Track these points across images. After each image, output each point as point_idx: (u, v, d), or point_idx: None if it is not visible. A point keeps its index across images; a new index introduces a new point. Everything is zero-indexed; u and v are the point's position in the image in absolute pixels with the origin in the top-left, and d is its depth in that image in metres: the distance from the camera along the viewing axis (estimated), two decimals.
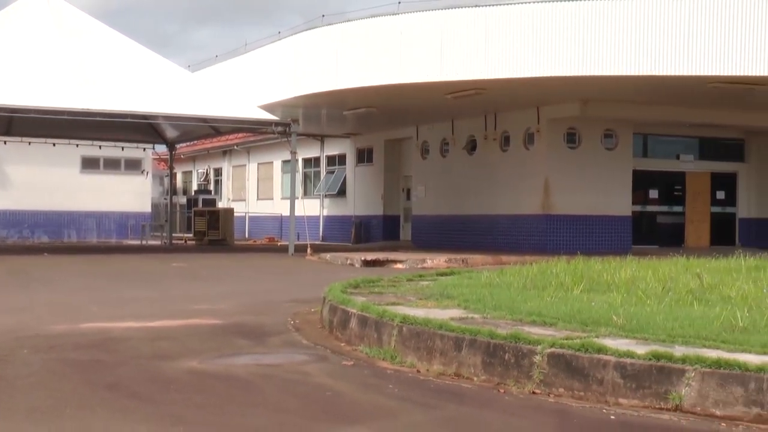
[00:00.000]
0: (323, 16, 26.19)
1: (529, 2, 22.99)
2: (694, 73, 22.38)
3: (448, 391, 7.13)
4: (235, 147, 46.66)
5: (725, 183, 31.88)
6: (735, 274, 11.77)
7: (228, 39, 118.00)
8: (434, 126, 32.73)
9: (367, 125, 34.81)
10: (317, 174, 41.36)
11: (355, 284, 12.23)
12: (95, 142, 37.55)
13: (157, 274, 19.66)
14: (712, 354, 6.61)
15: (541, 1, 22.93)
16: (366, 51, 25.16)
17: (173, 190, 40.35)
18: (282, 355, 8.79)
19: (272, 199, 43.93)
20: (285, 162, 40.40)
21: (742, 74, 22.41)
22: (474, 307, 9.54)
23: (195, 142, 45.36)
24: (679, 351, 6.74)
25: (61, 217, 41.77)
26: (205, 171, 51.68)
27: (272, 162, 44.23)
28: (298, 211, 28.71)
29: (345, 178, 38.98)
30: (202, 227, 35.89)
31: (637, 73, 22.53)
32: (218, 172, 50.66)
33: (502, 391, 7.08)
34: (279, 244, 36.09)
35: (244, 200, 46.56)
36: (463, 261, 22.76)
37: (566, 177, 27.95)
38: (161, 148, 40.50)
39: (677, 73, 22.39)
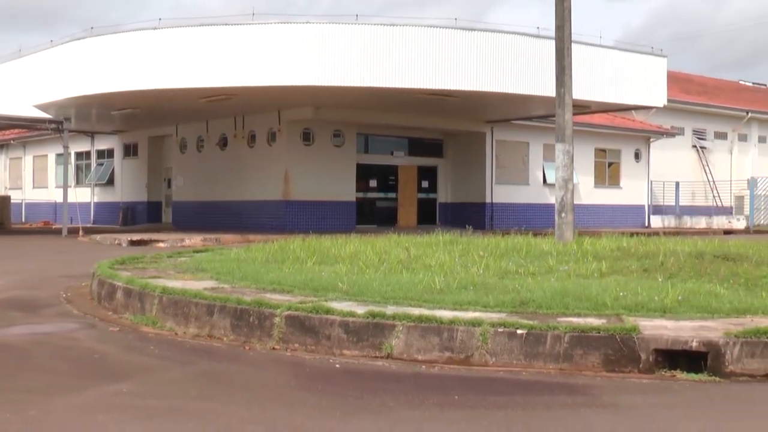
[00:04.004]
0: (92, 28, 24.91)
1: (268, 23, 23.02)
2: (403, 86, 23.27)
3: (202, 350, 7.02)
4: (12, 141, 43.57)
5: (428, 174, 33.18)
6: (435, 248, 12.15)
7: (12, 44, 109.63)
8: (191, 125, 32.02)
9: (133, 123, 33.54)
10: (88, 166, 39.37)
11: (122, 261, 11.79)
12: None
13: None
14: (416, 311, 6.88)
15: (278, 23, 23.00)
16: (131, 59, 24.10)
17: None
18: (54, 324, 8.33)
19: (47, 187, 41.40)
20: (59, 155, 38.07)
21: (436, 87, 23.53)
22: (224, 278, 9.44)
23: None
24: (390, 310, 6.96)
25: None
26: None
27: (47, 155, 41.63)
28: (71, 198, 27.41)
29: (113, 169, 37.44)
30: None
31: (360, 85, 23.08)
32: None
33: (248, 348, 7.05)
34: (54, 227, 34.12)
35: (21, 188, 43.61)
36: (216, 240, 22.45)
37: (302, 169, 28.22)
38: None
39: (391, 86, 23.18)
